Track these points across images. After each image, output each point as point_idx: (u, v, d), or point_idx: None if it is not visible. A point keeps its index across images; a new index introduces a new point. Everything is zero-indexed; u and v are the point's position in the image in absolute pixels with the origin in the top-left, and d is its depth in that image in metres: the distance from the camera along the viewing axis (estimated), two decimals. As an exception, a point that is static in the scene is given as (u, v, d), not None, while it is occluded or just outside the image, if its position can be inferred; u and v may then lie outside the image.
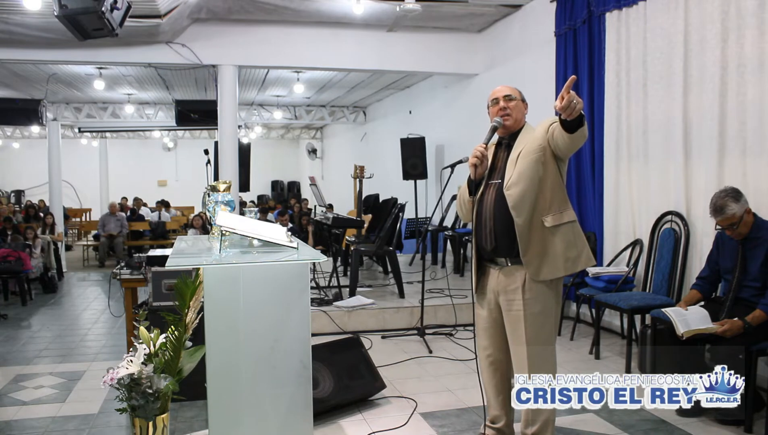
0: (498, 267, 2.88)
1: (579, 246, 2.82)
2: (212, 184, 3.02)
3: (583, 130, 2.58)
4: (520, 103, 2.92)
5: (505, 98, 2.90)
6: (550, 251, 2.76)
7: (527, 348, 2.79)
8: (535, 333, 2.80)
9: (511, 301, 2.83)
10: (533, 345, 2.80)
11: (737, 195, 3.42)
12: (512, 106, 2.89)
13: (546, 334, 2.84)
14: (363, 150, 14.19)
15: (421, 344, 4.95)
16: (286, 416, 2.46)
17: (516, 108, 2.89)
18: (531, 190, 2.74)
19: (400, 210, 6.19)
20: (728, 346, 3.18)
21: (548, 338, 2.86)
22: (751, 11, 3.97)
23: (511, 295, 2.82)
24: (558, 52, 6.03)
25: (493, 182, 2.88)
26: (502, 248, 2.82)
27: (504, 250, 2.82)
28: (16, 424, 3.53)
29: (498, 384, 2.99)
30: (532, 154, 2.76)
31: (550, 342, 2.87)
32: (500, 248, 2.83)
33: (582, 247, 2.84)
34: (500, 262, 2.87)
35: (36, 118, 9.96)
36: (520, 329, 2.80)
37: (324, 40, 7.50)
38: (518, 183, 2.75)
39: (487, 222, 2.86)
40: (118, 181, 18.40)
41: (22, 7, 5.57)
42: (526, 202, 2.74)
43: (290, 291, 2.46)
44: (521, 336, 2.80)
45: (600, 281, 4.86)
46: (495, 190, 2.85)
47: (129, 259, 4.95)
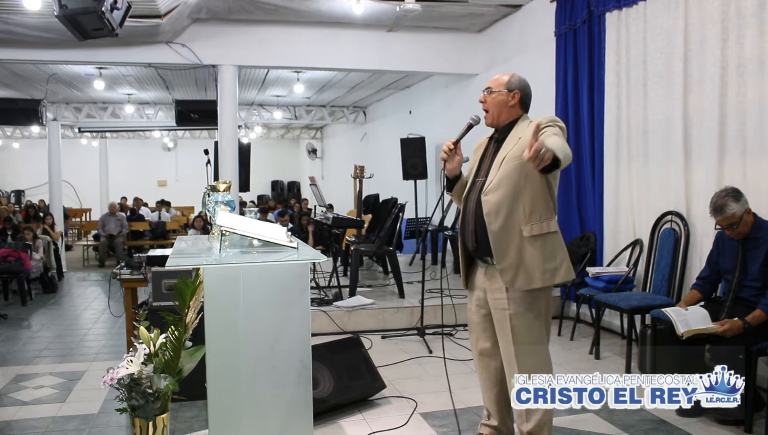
0: (484, 265, 2.84)
1: (558, 259, 2.72)
2: (212, 184, 3.01)
3: (559, 170, 2.49)
4: (501, 95, 2.75)
5: (485, 91, 2.79)
6: (527, 261, 2.67)
7: (515, 347, 2.73)
8: (522, 332, 2.73)
9: (497, 299, 2.77)
10: (521, 344, 2.73)
11: (737, 195, 3.41)
12: (490, 99, 2.76)
13: (535, 333, 2.77)
14: (363, 150, 14.19)
15: (421, 344, 4.95)
16: (286, 416, 2.46)
17: (494, 101, 2.75)
18: (509, 197, 2.66)
19: (400, 210, 6.19)
20: (728, 346, 3.18)
21: (538, 338, 2.78)
22: (751, 11, 3.97)
23: (497, 293, 2.77)
24: (558, 52, 6.03)
25: (478, 180, 2.81)
26: (482, 249, 2.77)
27: (485, 251, 2.76)
28: (16, 424, 3.53)
29: (491, 377, 2.93)
30: (515, 159, 2.65)
31: (541, 341, 2.79)
32: (481, 249, 2.78)
33: (562, 260, 2.74)
34: (486, 260, 2.81)
35: (36, 118, 9.97)
36: (507, 328, 2.74)
37: (324, 40, 7.50)
38: (497, 189, 2.68)
39: (469, 222, 2.82)
40: (118, 181, 18.41)
41: (22, 7, 5.57)
42: (502, 210, 2.67)
43: (290, 291, 2.46)
44: (508, 335, 2.74)
45: (600, 281, 4.86)
46: (477, 191, 2.78)
47: (129, 259, 4.95)
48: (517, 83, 2.78)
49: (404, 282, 6.13)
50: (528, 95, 2.83)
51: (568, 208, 5.90)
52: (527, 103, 2.84)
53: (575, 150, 5.79)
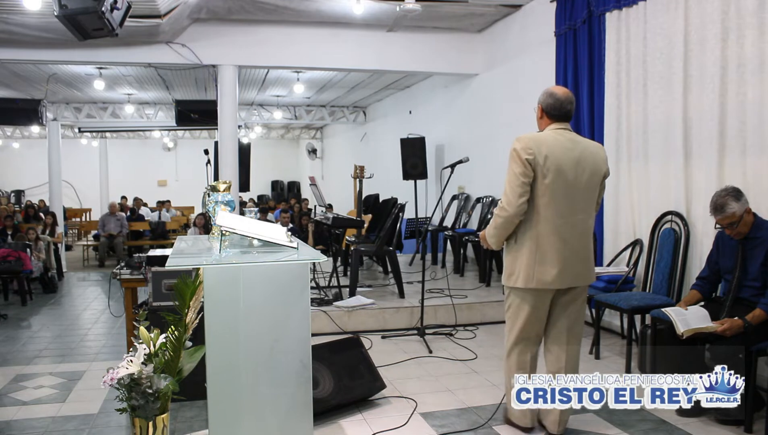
0: None
1: (516, 268, 3.06)
2: (212, 184, 3.02)
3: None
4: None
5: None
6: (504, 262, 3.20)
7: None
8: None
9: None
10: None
11: (738, 194, 3.41)
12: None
13: (508, 328, 3.21)
14: (363, 150, 14.19)
15: (421, 344, 4.95)
16: (286, 416, 2.46)
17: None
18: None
19: (400, 210, 6.19)
20: (728, 345, 3.18)
21: (509, 334, 3.20)
22: (751, 11, 3.97)
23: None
24: (558, 52, 6.03)
25: None
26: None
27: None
28: (16, 424, 3.53)
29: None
30: None
31: (510, 340, 3.18)
32: None
33: (519, 269, 3.04)
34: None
35: (36, 118, 9.96)
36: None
37: (324, 40, 7.50)
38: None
39: None
40: (118, 181, 18.41)
41: (22, 7, 5.57)
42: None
43: (290, 291, 2.46)
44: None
45: (600, 281, 4.86)
46: None
47: (129, 259, 4.95)
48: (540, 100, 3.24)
49: (404, 282, 6.13)
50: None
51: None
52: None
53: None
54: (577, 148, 3.03)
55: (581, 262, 3.07)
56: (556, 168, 2.95)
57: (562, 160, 2.96)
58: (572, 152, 3.00)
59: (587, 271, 3.12)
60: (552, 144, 2.98)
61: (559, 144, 2.99)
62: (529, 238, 3.01)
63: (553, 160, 2.94)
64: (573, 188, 2.99)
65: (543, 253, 2.99)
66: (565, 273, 3.01)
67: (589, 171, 3.04)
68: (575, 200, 3.01)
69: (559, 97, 3.06)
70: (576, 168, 2.99)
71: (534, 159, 2.92)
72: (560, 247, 2.99)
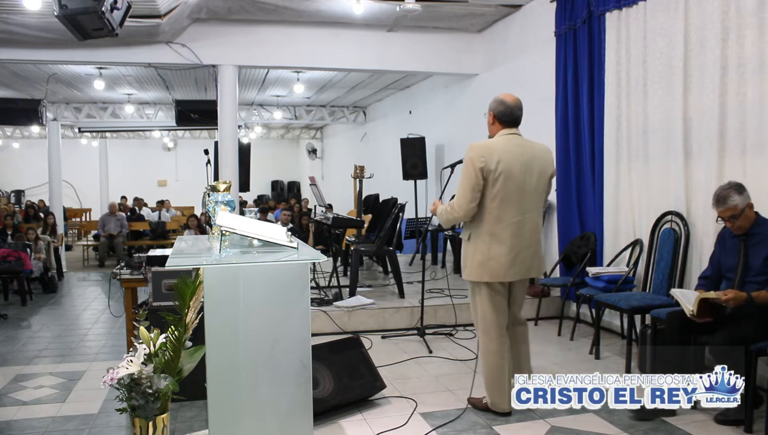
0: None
1: (467, 261, 3.39)
2: (212, 184, 3.02)
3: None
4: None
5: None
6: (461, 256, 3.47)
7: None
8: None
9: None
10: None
11: (741, 188, 3.43)
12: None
13: (477, 322, 3.48)
14: (363, 150, 14.19)
15: (421, 344, 4.95)
16: (286, 416, 2.46)
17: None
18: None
19: (400, 210, 6.19)
20: (728, 345, 3.18)
21: (477, 326, 3.48)
22: (751, 11, 3.97)
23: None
24: (558, 52, 6.03)
25: None
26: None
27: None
28: (16, 424, 3.53)
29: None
30: None
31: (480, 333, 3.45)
32: None
33: (470, 264, 3.37)
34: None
35: (36, 118, 9.96)
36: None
37: (324, 40, 7.50)
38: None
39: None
40: (118, 181, 18.41)
41: (22, 7, 5.57)
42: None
43: (290, 291, 2.46)
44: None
45: (600, 281, 4.86)
46: None
47: (129, 259, 4.95)
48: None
49: (404, 282, 6.13)
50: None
51: (568, 208, 5.90)
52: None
53: (575, 150, 5.81)
54: (526, 152, 3.33)
55: (531, 256, 3.38)
56: (507, 171, 3.24)
57: (513, 164, 3.26)
58: (522, 156, 3.30)
59: (538, 264, 3.47)
60: (503, 149, 3.27)
61: (510, 149, 3.29)
62: (483, 233, 3.31)
63: (504, 165, 3.24)
64: (522, 190, 3.29)
65: (496, 249, 3.29)
66: (516, 266, 3.32)
67: (537, 173, 3.33)
68: (524, 200, 3.31)
69: (510, 104, 3.35)
70: (525, 171, 3.29)
71: (486, 166, 3.23)
72: (512, 243, 3.29)
